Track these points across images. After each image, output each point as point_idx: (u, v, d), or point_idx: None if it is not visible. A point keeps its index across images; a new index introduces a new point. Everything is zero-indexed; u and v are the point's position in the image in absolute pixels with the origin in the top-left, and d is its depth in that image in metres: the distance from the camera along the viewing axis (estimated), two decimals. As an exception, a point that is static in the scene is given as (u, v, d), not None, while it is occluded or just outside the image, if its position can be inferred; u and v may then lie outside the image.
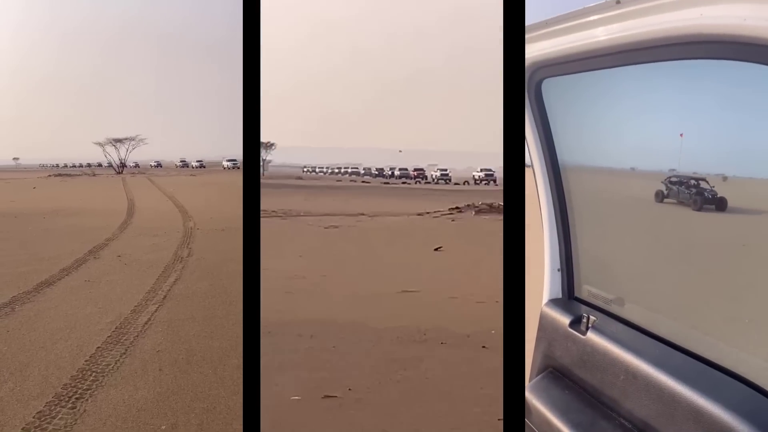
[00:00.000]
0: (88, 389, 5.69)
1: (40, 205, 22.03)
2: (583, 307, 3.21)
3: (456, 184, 35.78)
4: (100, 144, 46.19)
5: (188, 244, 13.80)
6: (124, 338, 7.16)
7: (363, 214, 16.01)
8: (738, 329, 2.54)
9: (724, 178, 2.69)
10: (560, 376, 3.17)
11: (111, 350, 6.75)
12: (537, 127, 3.29)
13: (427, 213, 16.01)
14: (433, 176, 35.78)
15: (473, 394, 5.67)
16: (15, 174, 41.79)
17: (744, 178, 2.57)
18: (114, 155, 46.42)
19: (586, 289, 3.32)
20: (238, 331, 7.46)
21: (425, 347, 7.15)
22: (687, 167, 2.81)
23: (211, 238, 14.89)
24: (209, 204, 21.58)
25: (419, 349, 7.07)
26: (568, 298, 3.40)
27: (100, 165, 48.48)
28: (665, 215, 3.12)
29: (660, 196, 3.04)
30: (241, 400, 5.53)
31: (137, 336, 7.24)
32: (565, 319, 3.16)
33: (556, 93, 3.20)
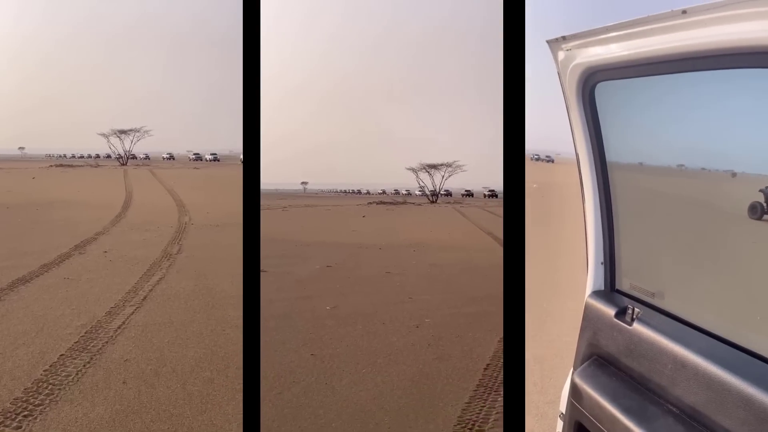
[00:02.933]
0: (39, 405, 5.12)
1: (36, 196, 21.47)
2: (626, 299, 3.35)
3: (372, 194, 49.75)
4: (104, 135, 45.47)
5: (179, 240, 13.25)
6: (92, 345, 6.59)
7: (337, 205, 32.06)
8: None
9: (733, 175, 2.75)
10: (605, 364, 3.31)
11: (75, 358, 6.18)
12: (588, 127, 3.37)
13: (359, 204, 32.64)
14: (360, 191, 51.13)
15: (375, 263, 13.49)
16: (18, 163, 41.20)
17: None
18: (119, 146, 45.77)
19: (627, 282, 3.46)
20: (216, 339, 6.92)
21: (361, 249, 15.74)
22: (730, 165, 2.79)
23: (205, 234, 14.33)
24: (208, 198, 21.03)
25: (359, 251, 15.52)
26: (611, 290, 3.54)
27: (109, 156, 47.79)
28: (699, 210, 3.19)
29: (757, 211, 2.80)
30: (206, 418, 4.98)
31: (107, 342, 6.68)
32: (609, 310, 3.30)
33: (608, 95, 3.25)
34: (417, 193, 40.24)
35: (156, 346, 6.61)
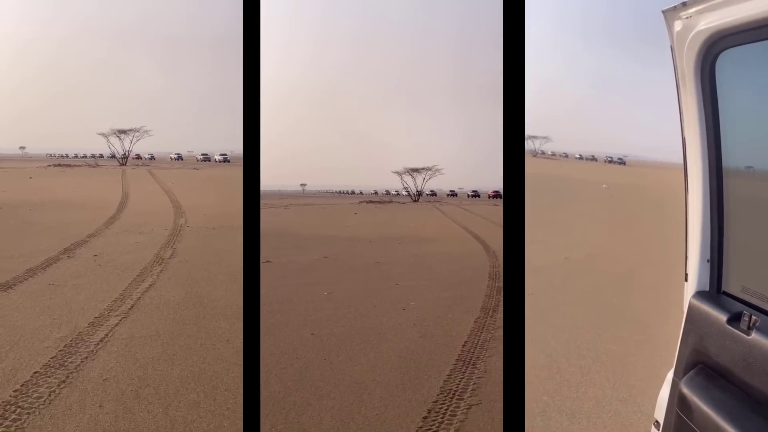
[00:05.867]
0: (3, 433, 4.60)
1: (31, 196, 20.91)
2: (737, 304, 2.96)
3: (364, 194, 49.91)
4: (104, 135, 44.92)
5: (173, 243, 12.72)
6: (70, 360, 6.07)
7: (332, 204, 32.73)
8: None
9: None
10: (715, 375, 2.94)
11: (50, 377, 5.66)
12: (704, 106, 2.96)
13: (351, 203, 32.82)
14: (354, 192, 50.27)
15: (366, 254, 14.53)
16: (18, 163, 40.62)
17: None
18: (119, 146, 45.22)
19: (738, 284, 3.05)
20: (205, 355, 6.38)
21: (353, 242, 16.90)
22: None
23: (200, 237, 13.81)
24: (205, 200, 20.49)
25: (351, 243, 16.65)
26: (717, 291, 3.16)
27: (113, 156, 47.15)
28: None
29: None
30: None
31: (86, 358, 6.15)
32: (720, 315, 2.92)
33: (734, 64, 2.79)
34: (404, 193, 44.22)
35: (140, 362, 6.09)
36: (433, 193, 44.18)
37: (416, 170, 41.72)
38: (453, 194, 45.01)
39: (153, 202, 20.68)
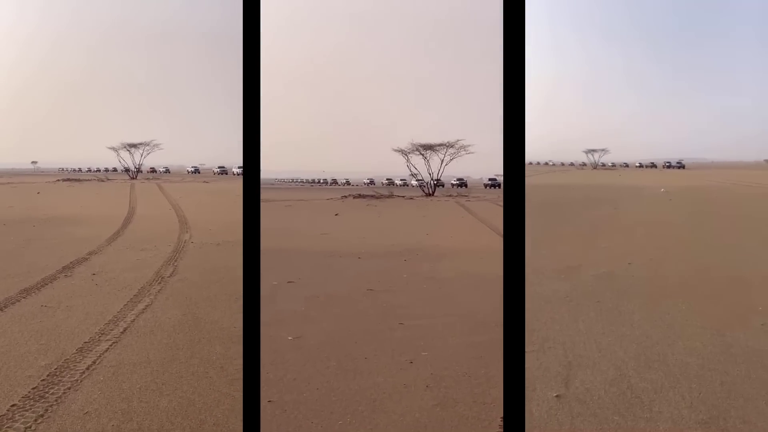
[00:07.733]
0: (-34, 478, 4.20)
1: (37, 212, 20.72)
2: None
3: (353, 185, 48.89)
4: (114, 149, 44.95)
5: (175, 260, 12.36)
6: (52, 391, 5.68)
7: (301, 200, 28.17)
8: None
9: None
10: None
11: (28, 410, 5.29)
12: None
13: (330, 199, 28.42)
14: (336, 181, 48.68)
15: (353, 277, 11.75)
16: (28, 178, 40.74)
17: None
18: (129, 160, 45.19)
19: None
20: (196, 385, 5.96)
21: (333, 259, 13.35)
22: None
23: (204, 253, 13.46)
24: (213, 214, 20.19)
25: (330, 260, 13.19)
26: None
27: (127, 170, 47.15)
28: None
29: None
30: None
31: (69, 388, 5.77)
32: None
33: None
34: (413, 183, 31.31)
35: (125, 393, 5.69)
36: (462, 183, 31.44)
37: (430, 147, 29.14)
38: (494, 184, 30.26)
39: (159, 216, 20.39)
